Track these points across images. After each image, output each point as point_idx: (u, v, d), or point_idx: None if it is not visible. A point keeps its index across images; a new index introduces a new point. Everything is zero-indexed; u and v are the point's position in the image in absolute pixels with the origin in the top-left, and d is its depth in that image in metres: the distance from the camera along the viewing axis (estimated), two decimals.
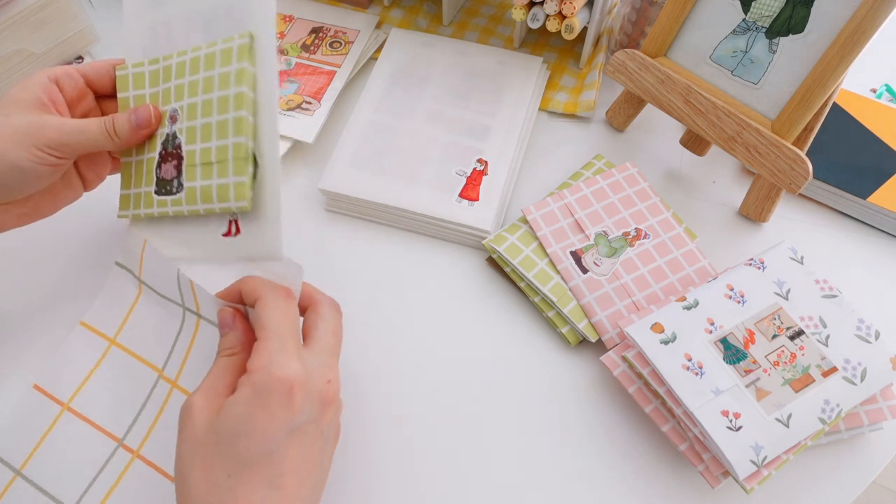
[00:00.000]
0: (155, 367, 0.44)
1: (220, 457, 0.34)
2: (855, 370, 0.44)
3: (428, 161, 0.58)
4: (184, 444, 0.35)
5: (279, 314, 0.37)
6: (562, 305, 0.50)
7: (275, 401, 0.34)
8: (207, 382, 0.37)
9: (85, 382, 0.44)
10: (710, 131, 0.54)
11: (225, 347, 0.38)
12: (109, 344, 0.45)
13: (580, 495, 0.45)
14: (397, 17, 0.71)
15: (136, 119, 0.43)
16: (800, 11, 0.48)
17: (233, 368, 0.37)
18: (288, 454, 0.35)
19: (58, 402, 0.44)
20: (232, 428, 0.34)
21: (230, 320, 0.39)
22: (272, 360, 0.35)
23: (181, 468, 0.34)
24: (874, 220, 0.57)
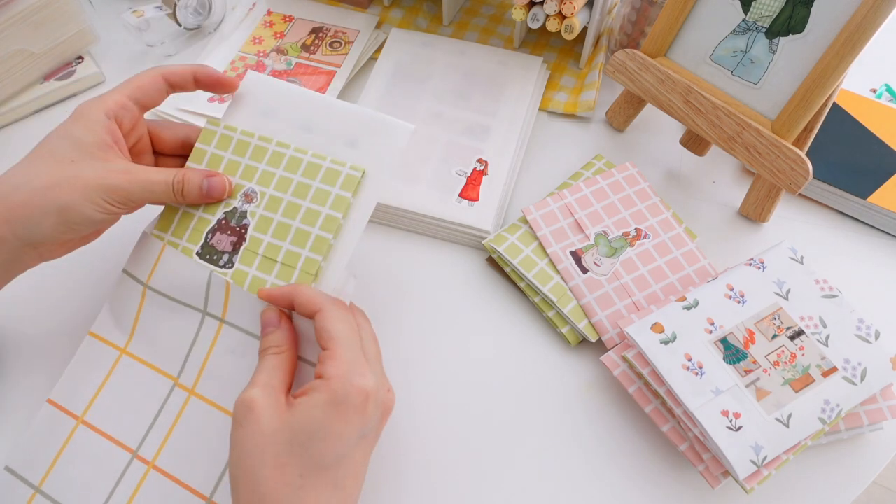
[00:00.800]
0: (169, 375, 0.43)
1: (293, 456, 0.34)
2: (855, 370, 0.44)
3: (428, 161, 0.58)
4: (250, 440, 0.35)
5: (347, 326, 0.38)
6: (562, 305, 0.50)
7: (351, 409, 0.36)
8: (262, 378, 0.37)
9: (97, 394, 0.44)
10: (710, 131, 0.54)
11: (271, 345, 0.39)
12: (120, 353, 0.44)
13: (580, 495, 0.45)
14: (397, 17, 0.71)
15: (207, 188, 0.43)
16: (800, 11, 0.48)
17: (284, 366, 0.38)
18: (354, 458, 0.37)
19: (72, 415, 0.43)
20: (308, 430, 0.35)
21: (276, 320, 0.40)
22: (350, 370, 0.36)
23: (248, 463, 0.34)
24: (874, 220, 0.57)
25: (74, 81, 0.65)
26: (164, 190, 0.42)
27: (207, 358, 0.42)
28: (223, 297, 0.43)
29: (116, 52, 0.69)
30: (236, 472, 0.35)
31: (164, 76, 0.44)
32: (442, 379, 0.49)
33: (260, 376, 0.37)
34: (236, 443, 0.35)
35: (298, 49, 0.67)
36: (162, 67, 0.44)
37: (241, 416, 0.35)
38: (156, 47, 0.69)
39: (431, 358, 0.50)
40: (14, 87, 0.62)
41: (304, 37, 0.68)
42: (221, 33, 0.70)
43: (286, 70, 0.65)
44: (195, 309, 0.43)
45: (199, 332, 0.43)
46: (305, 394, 0.36)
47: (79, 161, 0.40)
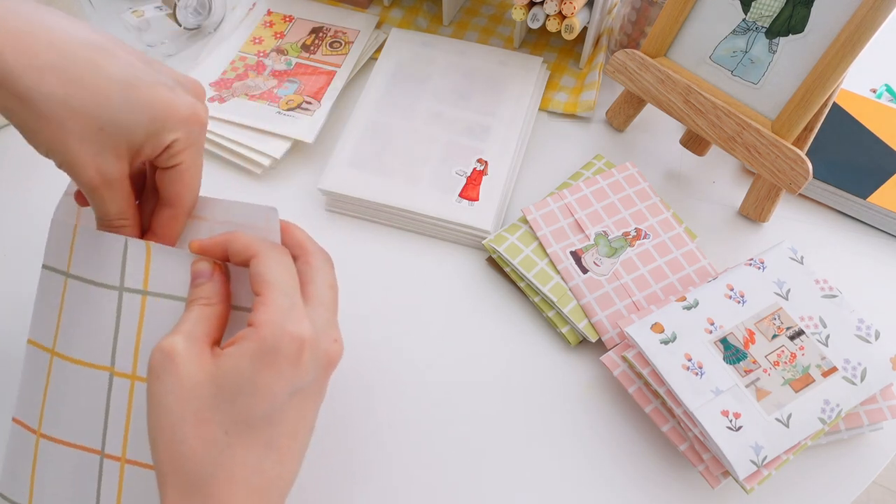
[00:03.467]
0: (102, 367, 0.40)
1: (217, 412, 0.32)
2: (855, 370, 0.44)
3: (428, 161, 0.58)
4: (169, 395, 0.31)
5: (283, 269, 0.35)
6: (562, 305, 0.50)
7: (283, 359, 0.32)
8: (184, 327, 0.33)
9: (44, 404, 0.40)
10: (710, 131, 0.54)
11: (200, 297, 0.35)
12: (51, 356, 0.41)
13: (580, 495, 0.45)
14: (397, 17, 0.71)
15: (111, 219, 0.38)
16: (800, 11, 0.48)
17: (212, 318, 0.35)
18: (288, 416, 0.33)
19: (31, 430, 0.41)
20: (234, 383, 0.32)
21: (208, 271, 0.36)
22: (283, 317, 0.33)
23: (166, 420, 0.31)
24: (874, 220, 0.57)
25: None
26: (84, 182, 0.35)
27: (139, 338, 0.39)
28: (143, 265, 0.39)
29: None
30: (154, 432, 0.32)
31: None
32: (441, 378, 0.49)
33: (182, 325, 0.33)
34: (153, 397, 0.32)
35: (298, 49, 0.67)
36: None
37: (159, 368, 0.32)
38: (156, 47, 0.69)
39: (431, 357, 0.50)
40: None
41: (304, 37, 0.68)
42: (221, 33, 0.70)
43: (286, 70, 0.65)
44: (110, 287, 0.39)
45: (121, 312, 0.39)
46: (233, 343, 0.33)
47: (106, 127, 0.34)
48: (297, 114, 0.61)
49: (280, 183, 0.60)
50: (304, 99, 0.63)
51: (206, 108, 0.38)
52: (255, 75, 0.65)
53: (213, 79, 0.64)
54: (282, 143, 0.60)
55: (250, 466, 0.32)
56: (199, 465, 0.31)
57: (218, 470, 0.31)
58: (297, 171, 0.61)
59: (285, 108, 0.62)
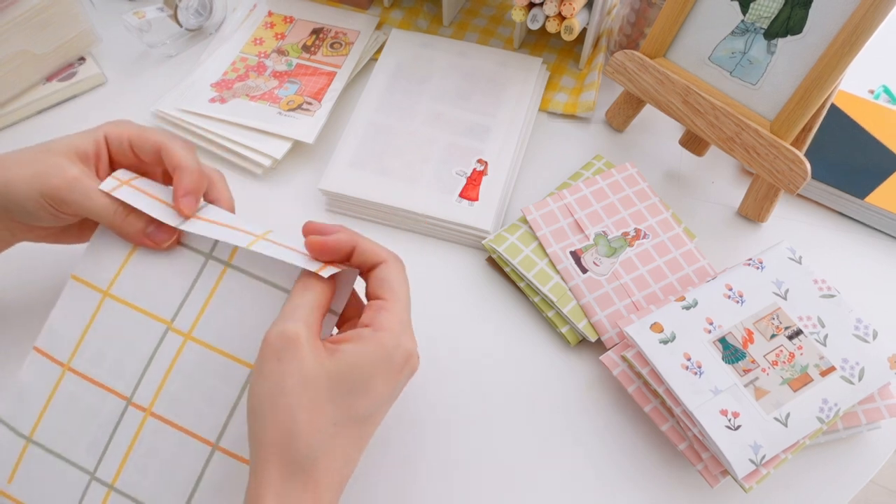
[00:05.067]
0: (161, 319, 0.41)
1: (330, 403, 0.34)
2: (853, 369, 0.44)
3: (428, 161, 0.58)
4: (290, 378, 0.33)
5: (406, 285, 0.38)
6: (561, 305, 0.50)
7: (394, 367, 0.35)
8: (302, 314, 0.35)
9: (82, 340, 0.41)
10: (709, 132, 0.55)
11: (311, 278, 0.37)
12: (103, 296, 0.42)
13: (579, 494, 0.45)
14: (397, 18, 0.71)
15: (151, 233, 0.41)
16: (798, 13, 0.48)
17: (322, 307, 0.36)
18: (379, 416, 0.37)
19: (58, 363, 0.42)
20: (351, 380, 0.34)
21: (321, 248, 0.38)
22: (402, 328, 0.36)
23: (284, 401, 0.33)
24: (872, 220, 0.58)
25: (76, 82, 0.65)
26: (106, 209, 0.40)
27: (208, 302, 0.41)
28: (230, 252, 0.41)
29: (118, 53, 0.69)
30: (266, 406, 0.33)
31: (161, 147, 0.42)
32: (441, 378, 0.50)
33: (299, 312, 0.35)
34: (272, 376, 0.33)
35: (299, 50, 0.67)
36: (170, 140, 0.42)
37: (281, 350, 0.34)
38: (157, 48, 0.69)
39: (431, 358, 0.51)
40: (16, 89, 0.62)
41: (304, 38, 0.68)
42: (222, 34, 0.70)
43: (287, 71, 0.65)
44: (199, 252, 0.42)
45: (201, 274, 0.41)
46: (350, 341, 0.35)
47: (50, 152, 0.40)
48: (298, 114, 0.62)
49: (280, 183, 0.60)
50: (305, 99, 0.63)
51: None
52: (255, 76, 0.65)
53: (215, 80, 0.65)
54: (282, 143, 0.60)
55: (343, 457, 0.35)
56: (306, 448, 0.33)
57: (321, 455, 0.33)
58: (297, 171, 0.61)
59: (286, 109, 0.62)
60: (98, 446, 0.40)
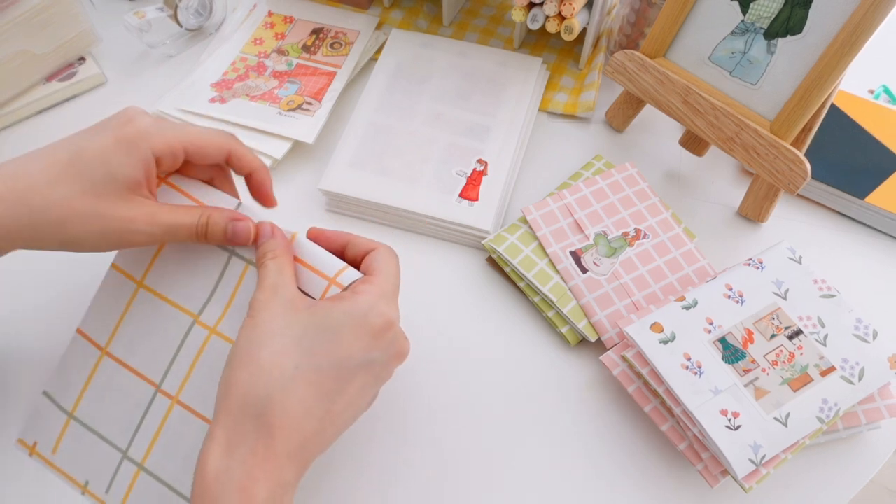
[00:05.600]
0: (189, 312, 0.43)
1: (296, 347, 0.35)
2: (853, 369, 0.44)
3: (428, 161, 0.58)
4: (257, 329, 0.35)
5: (395, 267, 0.40)
6: (561, 305, 0.50)
7: (368, 328, 0.36)
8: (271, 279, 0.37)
9: (118, 327, 0.44)
10: (709, 132, 0.55)
11: (267, 251, 0.39)
12: (137, 286, 0.44)
13: (579, 494, 0.45)
14: (397, 18, 0.71)
15: (232, 232, 0.40)
16: (798, 13, 0.48)
17: (286, 268, 0.38)
18: (352, 381, 0.36)
19: (97, 346, 0.44)
20: (320, 326, 0.35)
21: (269, 230, 0.40)
22: (382, 297, 0.37)
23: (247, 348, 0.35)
24: (872, 220, 0.58)
25: (76, 82, 0.65)
26: (188, 234, 0.40)
27: (232, 299, 0.42)
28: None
29: (118, 53, 0.69)
30: (238, 354, 0.35)
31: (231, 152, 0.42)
32: (441, 378, 0.50)
33: (267, 280, 0.37)
34: (244, 330, 0.35)
35: (299, 50, 0.67)
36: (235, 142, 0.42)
37: (256, 310, 0.36)
38: (157, 48, 0.69)
39: (431, 358, 0.51)
40: (16, 89, 0.62)
41: (304, 38, 0.68)
42: (222, 34, 0.70)
43: (287, 71, 0.65)
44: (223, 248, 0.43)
45: (226, 270, 0.43)
46: (330, 301, 0.37)
47: (103, 198, 0.36)
48: (298, 114, 0.62)
49: (281, 183, 0.60)
50: (305, 99, 0.63)
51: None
52: (255, 76, 0.65)
53: (215, 80, 0.65)
54: (282, 143, 0.60)
55: (300, 405, 0.34)
56: (262, 387, 0.33)
57: (275, 394, 0.33)
58: (297, 171, 0.61)
59: (286, 109, 0.62)
60: (130, 428, 0.43)
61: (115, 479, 0.43)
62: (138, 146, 0.37)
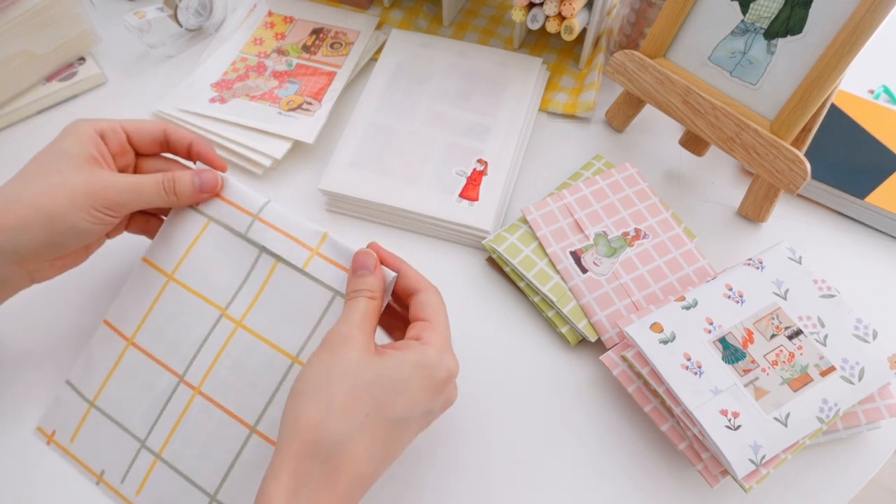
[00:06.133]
0: (217, 305, 0.44)
1: (367, 395, 0.35)
2: (853, 369, 0.44)
3: (428, 161, 0.58)
4: (337, 366, 0.36)
5: (445, 311, 0.41)
6: (561, 305, 0.50)
7: (433, 380, 0.37)
8: (357, 318, 0.38)
9: (146, 318, 0.46)
10: (709, 132, 0.55)
11: (365, 288, 0.39)
12: (167, 280, 0.46)
13: (579, 494, 0.45)
14: (397, 18, 0.71)
15: (199, 184, 0.43)
16: (798, 13, 0.48)
17: (375, 314, 0.39)
18: (410, 428, 0.38)
19: (123, 336, 0.46)
20: (391, 379, 0.36)
21: (372, 264, 0.40)
22: (446, 347, 0.38)
23: (324, 384, 0.35)
24: (872, 220, 0.58)
25: (76, 82, 0.65)
26: (155, 190, 0.42)
27: (260, 293, 0.44)
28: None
29: (118, 53, 0.69)
30: (310, 388, 0.35)
31: (165, 130, 0.45)
32: None
33: (355, 316, 0.38)
34: (320, 363, 0.36)
35: (299, 50, 0.67)
36: (169, 123, 0.45)
37: (335, 345, 0.36)
38: (157, 48, 0.69)
39: None
40: (16, 88, 0.62)
41: (304, 38, 0.68)
42: (222, 34, 0.70)
43: (287, 71, 0.65)
44: (254, 244, 0.44)
45: (255, 266, 0.44)
46: (398, 349, 0.37)
47: (65, 171, 0.40)
48: (298, 114, 0.62)
49: (281, 183, 0.60)
50: (305, 99, 0.63)
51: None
52: (255, 76, 0.65)
53: (215, 80, 0.65)
54: (282, 143, 0.60)
55: (365, 454, 0.35)
56: (336, 434, 0.34)
57: (346, 442, 0.34)
58: (297, 171, 0.61)
59: (286, 109, 0.62)
60: (150, 417, 0.44)
61: (132, 469, 0.44)
62: (79, 127, 0.42)
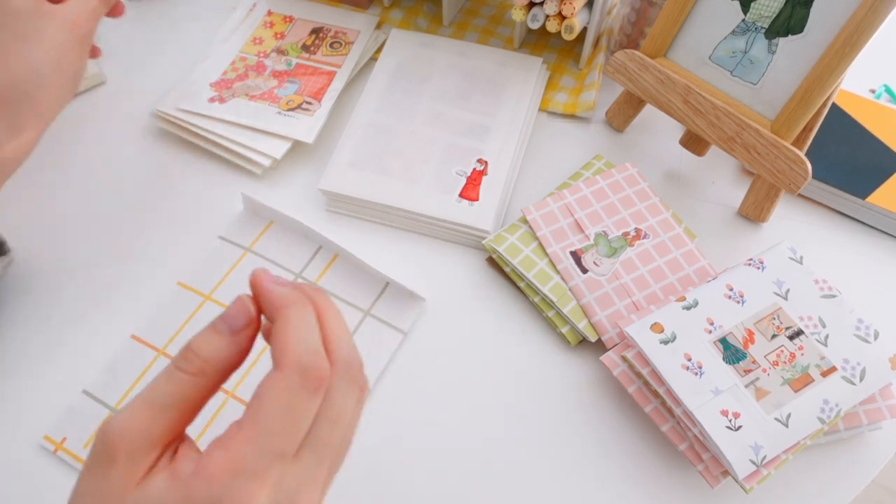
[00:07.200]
0: None
1: None
2: (854, 370, 0.44)
3: (428, 161, 0.58)
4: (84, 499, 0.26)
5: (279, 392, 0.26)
6: (561, 305, 0.50)
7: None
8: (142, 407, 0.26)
9: (180, 331, 0.49)
10: (710, 131, 0.55)
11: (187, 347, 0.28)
12: (204, 300, 0.51)
13: (579, 495, 0.45)
14: (397, 18, 0.71)
15: None
16: (799, 12, 0.48)
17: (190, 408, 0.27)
18: None
19: (153, 348, 0.49)
20: None
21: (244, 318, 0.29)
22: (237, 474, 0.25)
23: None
24: (873, 220, 0.58)
25: None
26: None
27: None
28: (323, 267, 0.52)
29: (118, 53, 0.69)
30: None
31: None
32: (441, 378, 0.50)
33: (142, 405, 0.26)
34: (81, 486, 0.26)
35: (299, 49, 0.67)
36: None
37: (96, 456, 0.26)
38: None
39: (431, 358, 0.51)
40: None
41: (304, 37, 0.68)
42: (222, 34, 0.70)
43: (287, 70, 0.65)
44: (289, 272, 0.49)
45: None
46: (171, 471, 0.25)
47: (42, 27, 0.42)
48: (298, 114, 0.61)
49: (280, 183, 0.60)
50: (305, 99, 0.63)
51: None
52: (255, 76, 0.65)
53: (214, 79, 0.65)
54: (282, 143, 0.60)
55: None
56: None
57: None
58: (297, 171, 0.61)
59: (285, 109, 0.62)
60: None
61: None
62: None
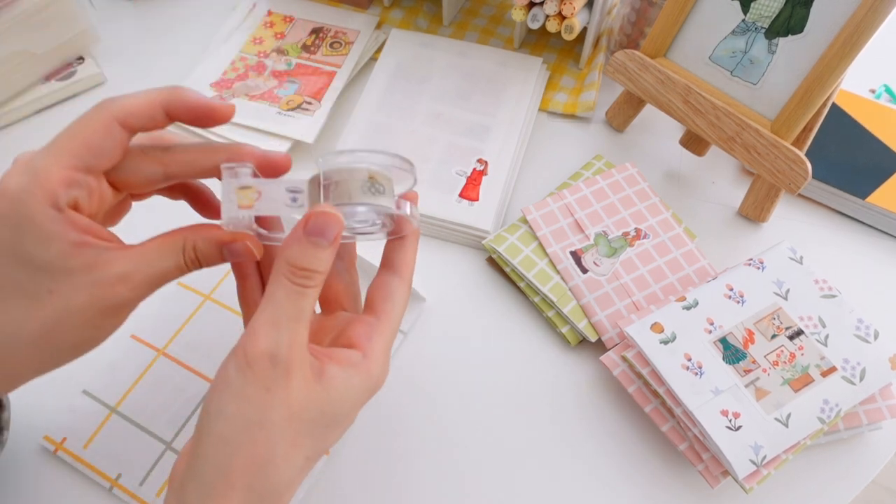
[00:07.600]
0: None
1: (309, 438, 0.31)
2: (854, 370, 0.44)
3: (428, 161, 0.58)
4: (275, 412, 0.29)
5: (406, 304, 0.35)
6: (562, 305, 0.50)
7: (372, 393, 0.33)
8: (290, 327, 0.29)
9: (180, 331, 0.49)
10: (710, 131, 0.54)
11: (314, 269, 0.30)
12: (204, 299, 0.51)
13: (579, 495, 0.45)
14: (397, 18, 0.71)
15: (228, 254, 0.34)
16: (799, 12, 0.48)
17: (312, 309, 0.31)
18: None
19: (153, 348, 0.48)
20: (335, 414, 0.31)
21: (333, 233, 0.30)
22: (387, 359, 0.34)
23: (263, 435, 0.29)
24: (873, 220, 0.58)
25: (75, 82, 0.65)
26: (177, 273, 0.33)
27: None
28: None
29: (117, 52, 0.69)
30: (243, 437, 0.29)
31: (118, 119, 0.33)
32: (441, 378, 0.49)
33: (289, 325, 0.29)
34: (255, 406, 0.29)
35: (299, 49, 0.67)
36: (113, 104, 0.33)
37: (269, 379, 0.29)
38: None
39: (431, 358, 0.51)
40: (15, 88, 0.62)
41: (304, 37, 0.68)
42: (222, 34, 0.70)
43: (287, 70, 0.65)
44: None
45: None
46: (339, 363, 0.31)
47: (57, 290, 0.30)
48: (298, 114, 0.61)
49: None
50: (305, 99, 0.63)
51: None
52: (255, 76, 0.65)
53: (214, 79, 0.65)
54: (282, 143, 0.60)
55: (299, 481, 0.32)
56: (276, 483, 0.30)
57: (286, 490, 0.31)
58: (297, 171, 0.60)
59: (286, 109, 0.62)
60: (178, 421, 0.45)
61: (153, 472, 0.44)
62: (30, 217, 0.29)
